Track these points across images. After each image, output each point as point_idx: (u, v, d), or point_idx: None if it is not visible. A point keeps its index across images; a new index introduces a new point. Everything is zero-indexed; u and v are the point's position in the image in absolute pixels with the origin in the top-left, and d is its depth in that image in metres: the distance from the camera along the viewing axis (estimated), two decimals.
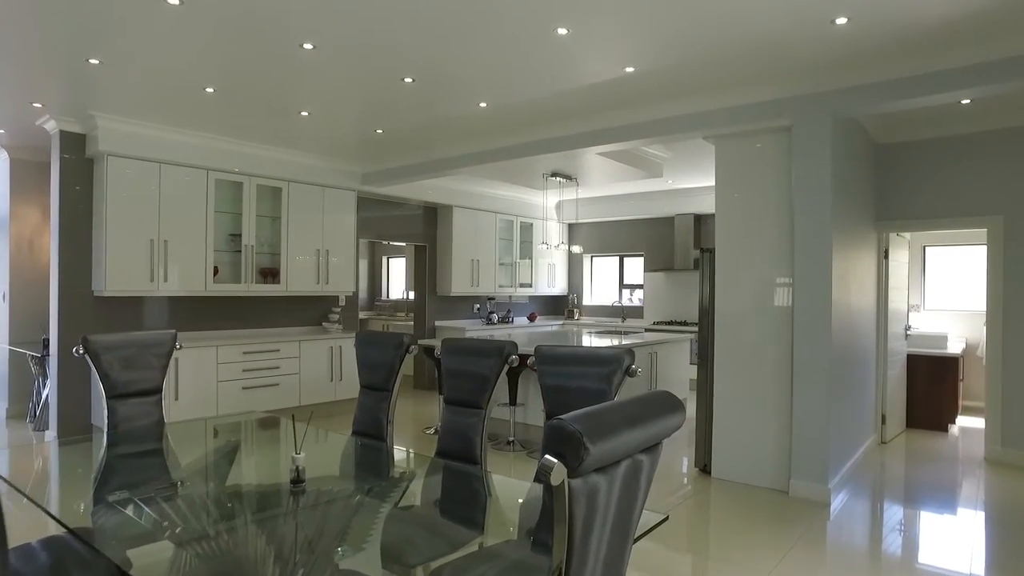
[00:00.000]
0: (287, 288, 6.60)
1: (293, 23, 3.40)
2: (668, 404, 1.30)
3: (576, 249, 8.08)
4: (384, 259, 11.59)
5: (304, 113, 5.13)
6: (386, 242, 9.73)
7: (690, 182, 8.02)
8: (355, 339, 3.28)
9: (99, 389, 2.91)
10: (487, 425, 2.68)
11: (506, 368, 2.66)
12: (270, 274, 6.55)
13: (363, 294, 11.59)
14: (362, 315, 11.04)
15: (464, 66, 4.03)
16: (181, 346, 3.37)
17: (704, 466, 4.70)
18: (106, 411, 2.85)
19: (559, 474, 1.05)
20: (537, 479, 1.08)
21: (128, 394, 2.94)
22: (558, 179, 6.88)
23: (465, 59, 3.91)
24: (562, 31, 3.45)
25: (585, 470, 1.08)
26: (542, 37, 3.54)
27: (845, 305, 4.48)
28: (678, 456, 5.17)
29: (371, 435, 3.09)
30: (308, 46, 3.71)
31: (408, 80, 4.29)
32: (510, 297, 9.71)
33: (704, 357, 4.77)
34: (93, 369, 2.85)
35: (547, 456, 1.06)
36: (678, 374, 6.94)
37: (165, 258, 5.63)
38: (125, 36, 3.57)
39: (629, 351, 2.28)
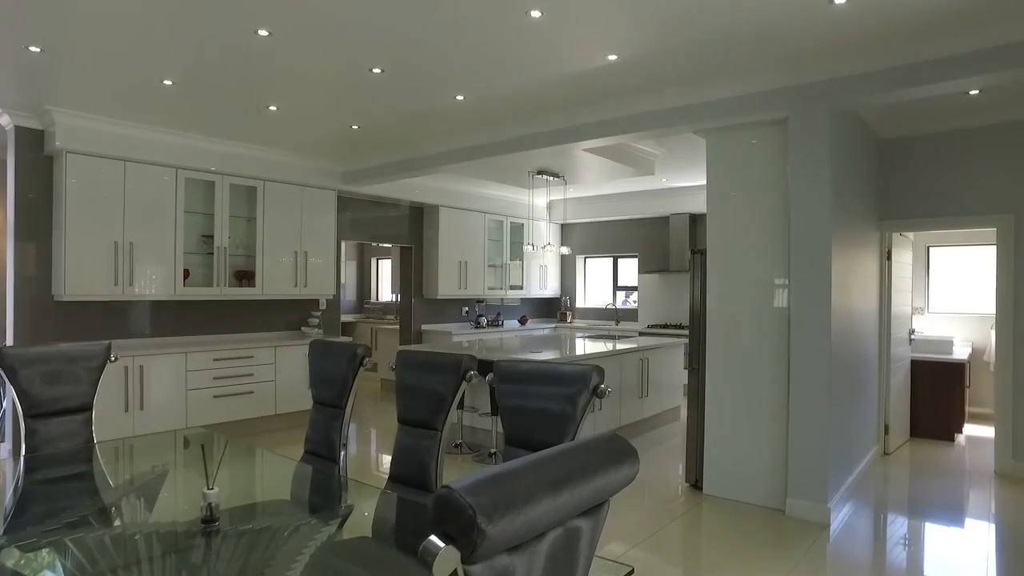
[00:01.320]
0: (263, 291, 6.32)
1: (245, 7, 3.13)
2: (613, 454, 1.02)
3: (564, 250, 7.80)
4: (373, 260, 11.32)
5: (272, 108, 4.85)
6: (375, 243, 9.45)
7: (684, 180, 7.73)
8: (308, 348, 3.00)
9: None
10: (443, 447, 2.39)
11: (464, 386, 2.38)
12: (245, 277, 6.28)
13: (352, 296, 11.33)
14: (351, 318, 10.79)
15: (435, 55, 3.75)
16: (116, 358, 3.10)
17: (695, 481, 4.41)
18: (24, 432, 2.57)
19: (447, 562, 0.77)
20: (422, 563, 0.79)
21: (51, 413, 2.66)
22: (545, 177, 6.60)
23: (435, 46, 3.63)
24: (535, 14, 3.17)
25: (486, 554, 0.80)
26: (515, 21, 3.26)
27: (845, 309, 4.20)
28: (669, 469, 4.88)
29: (323, 456, 2.82)
30: (263, 32, 3.43)
31: (377, 71, 4.01)
32: (502, 300, 9.43)
33: (695, 364, 4.48)
34: (8, 385, 2.57)
35: (432, 538, 0.78)
36: (672, 379, 6.66)
37: (131, 261, 5.35)
38: (62, 20, 3.29)
39: (598, 368, 2.00)
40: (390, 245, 8.96)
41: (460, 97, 4.57)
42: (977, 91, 4.12)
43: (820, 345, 3.83)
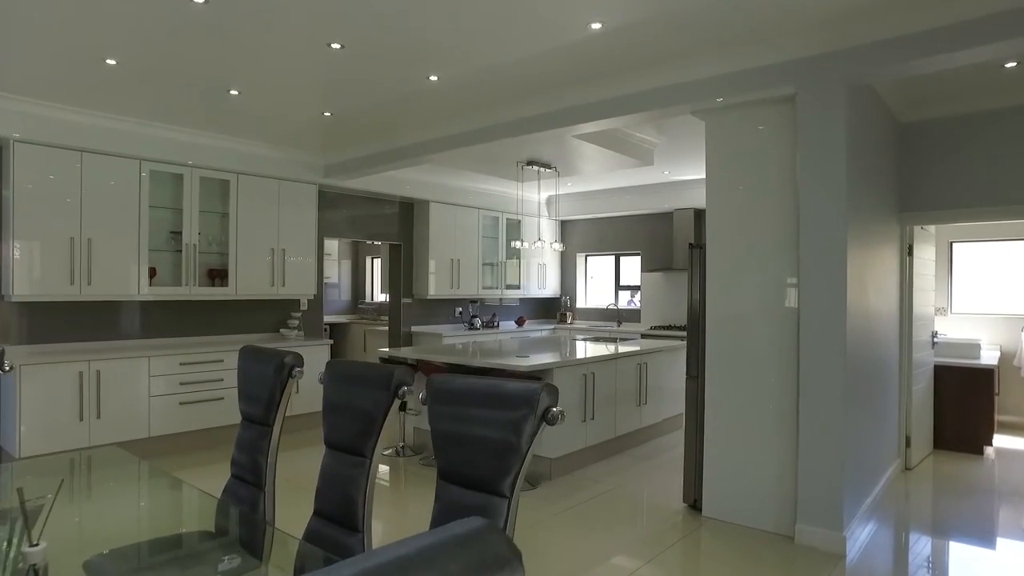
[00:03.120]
0: (237, 291, 5.95)
1: None
2: (475, 562, 0.60)
3: (558, 246, 7.34)
4: (368, 259, 10.94)
5: (234, 92, 4.47)
6: (367, 241, 9.05)
7: (688, 173, 7.27)
8: (238, 355, 2.60)
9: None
10: (373, 478, 1.98)
11: (397, 404, 1.97)
12: (219, 276, 5.91)
13: (346, 296, 10.96)
14: (344, 319, 10.42)
15: (398, 27, 3.34)
16: (11, 367, 2.72)
17: (694, 501, 3.97)
18: None
19: None
20: None
21: None
22: (536, 168, 6.17)
23: (396, 18, 3.22)
24: None
25: None
26: None
27: (862, 309, 3.74)
28: (664, 486, 4.44)
29: (248, 481, 2.42)
30: (199, 0, 3.04)
31: (336, 46, 3.61)
32: (500, 300, 9.02)
33: (693, 371, 4.04)
34: None
35: None
36: (674, 385, 6.19)
37: (88, 259, 4.99)
38: None
39: (548, 387, 1.58)
40: (379, 243, 8.58)
41: (434, 78, 4.16)
42: (1014, 64, 3.65)
43: (834, 350, 3.38)
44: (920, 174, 4.83)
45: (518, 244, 7.01)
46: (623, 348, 5.80)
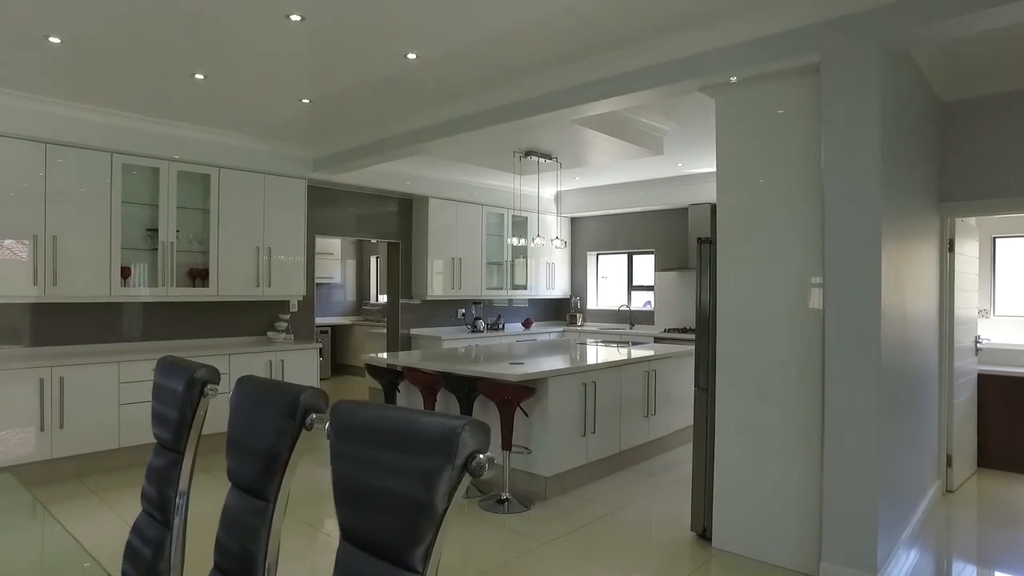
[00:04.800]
0: (218, 292, 5.61)
1: None
2: None
3: (559, 243, 6.88)
4: (372, 259, 10.60)
5: (199, 76, 4.11)
6: (374, 240, 8.67)
7: (703, 165, 6.77)
8: (156, 366, 2.22)
9: None
10: (276, 527, 1.57)
11: (303, 432, 1.56)
12: (199, 276, 5.58)
13: (351, 297, 10.64)
14: (348, 321, 10.11)
15: None
16: None
17: (703, 530, 3.50)
18: None
19: None
20: None
21: None
22: (536, 160, 5.73)
23: None
24: None
25: None
26: None
27: (899, 312, 3.24)
28: (672, 510, 3.97)
29: (156, 519, 2.02)
30: None
31: (296, 18, 3.22)
32: (510, 301, 8.59)
33: (703, 382, 3.57)
34: None
35: None
36: (686, 393, 5.69)
37: (54, 258, 4.68)
38: None
39: (474, 427, 1.14)
40: (376, 241, 8.21)
41: (412, 56, 3.75)
42: None
43: (866, 358, 2.89)
44: (963, 160, 4.29)
45: (515, 241, 6.57)
46: (633, 353, 5.34)
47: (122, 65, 3.91)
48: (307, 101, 4.68)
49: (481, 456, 1.14)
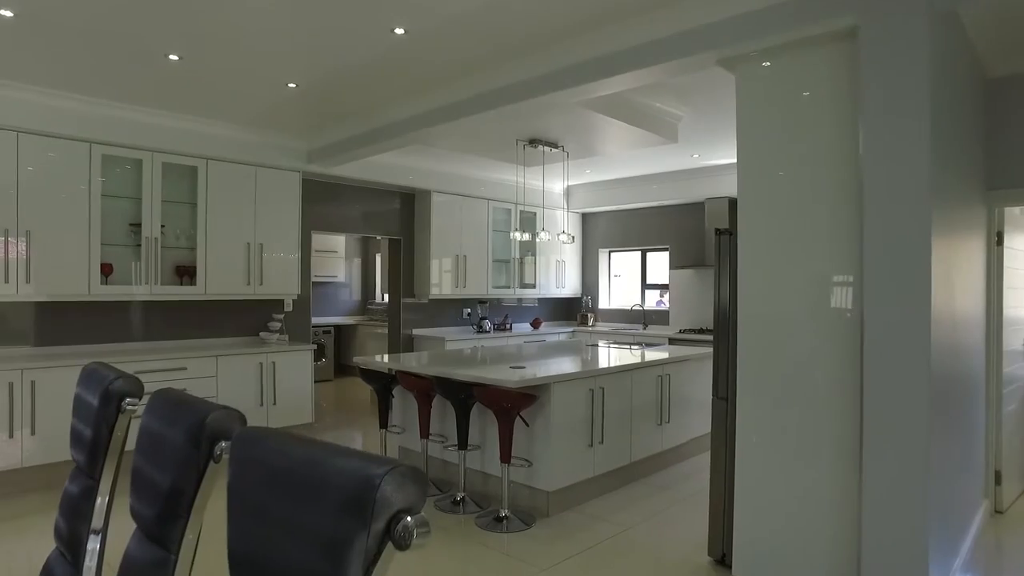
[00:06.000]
0: (206, 291, 5.33)
1: None
2: None
3: (565, 238, 6.50)
4: (377, 256, 10.29)
5: (173, 57, 3.81)
6: (379, 237, 8.36)
7: (720, 157, 6.37)
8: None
9: None
10: None
11: (211, 465, 1.22)
12: (187, 273, 5.30)
13: (357, 296, 10.35)
14: (352, 320, 9.83)
15: None
16: None
17: (722, 557, 3.13)
18: None
19: None
20: None
21: None
22: (541, 149, 5.37)
23: None
24: None
25: None
26: None
27: (948, 314, 2.84)
28: (684, 531, 3.59)
29: (67, 559, 1.70)
30: None
31: None
32: (519, 300, 8.24)
33: (722, 390, 3.20)
34: None
35: None
36: (703, 399, 5.31)
37: (27, 254, 4.41)
38: None
39: (402, 476, 0.80)
40: (380, 238, 7.89)
41: (400, 31, 3.41)
42: None
43: (913, 366, 2.49)
44: (1013, 143, 3.86)
45: (517, 235, 6.21)
46: (646, 355, 4.97)
47: (85, 43, 3.61)
48: (293, 86, 4.36)
49: (409, 519, 0.79)
